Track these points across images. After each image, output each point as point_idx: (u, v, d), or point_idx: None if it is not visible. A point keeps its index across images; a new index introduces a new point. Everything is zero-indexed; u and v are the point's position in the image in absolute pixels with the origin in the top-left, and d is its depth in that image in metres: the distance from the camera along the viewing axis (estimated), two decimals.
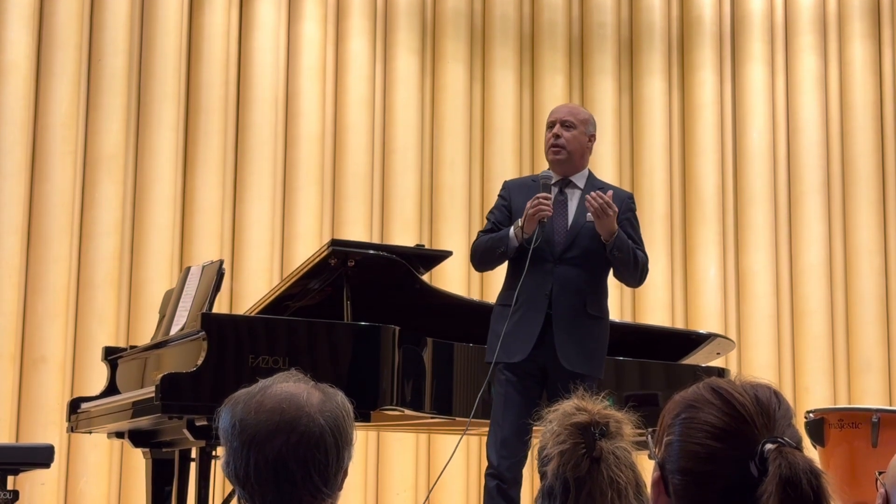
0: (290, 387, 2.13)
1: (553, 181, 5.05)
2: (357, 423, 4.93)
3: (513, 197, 5.09)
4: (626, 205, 5.09)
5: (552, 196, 4.89)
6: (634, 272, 5.05)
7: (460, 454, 8.34)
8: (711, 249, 9.28)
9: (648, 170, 9.28)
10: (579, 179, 5.10)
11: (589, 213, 4.89)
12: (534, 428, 4.96)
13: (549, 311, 4.87)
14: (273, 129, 8.31)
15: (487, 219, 5.18)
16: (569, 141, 5.07)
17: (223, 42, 8.22)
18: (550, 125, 5.13)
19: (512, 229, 4.91)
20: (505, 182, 5.29)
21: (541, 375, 4.87)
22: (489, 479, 4.83)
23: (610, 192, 4.93)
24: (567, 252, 4.91)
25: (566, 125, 5.10)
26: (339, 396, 2.15)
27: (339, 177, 8.50)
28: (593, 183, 5.13)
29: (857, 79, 9.63)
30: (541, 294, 4.84)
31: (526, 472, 4.88)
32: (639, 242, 5.10)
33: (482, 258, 5.08)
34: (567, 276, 4.90)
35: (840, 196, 9.54)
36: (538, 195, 4.85)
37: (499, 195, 5.20)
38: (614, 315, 8.77)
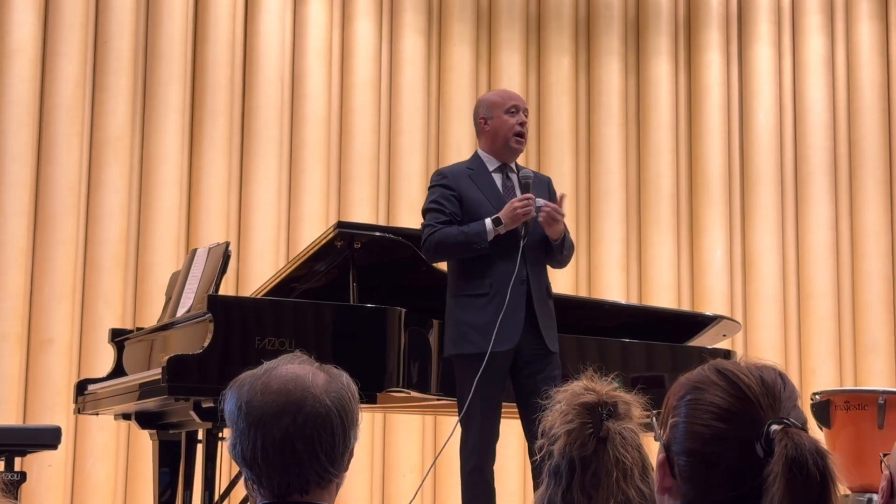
0: (295, 368, 2.13)
1: (494, 167, 5.05)
2: (363, 405, 4.93)
3: (460, 187, 4.98)
4: (552, 188, 5.12)
5: (533, 196, 4.85)
6: (568, 261, 5.10)
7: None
8: (718, 231, 9.28)
9: (655, 151, 9.28)
10: (513, 163, 5.12)
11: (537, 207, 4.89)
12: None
13: (527, 294, 4.85)
14: (279, 110, 8.31)
15: (437, 210, 4.96)
16: (527, 130, 5.11)
17: (229, 23, 8.22)
18: (514, 110, 5.04)
19: (489, 224, 4.81)
20: (441, 171, 5.15)
21: (511, 360, 4.84)
22: (470, 476, 4.82)
23: (560, 199, 4.92)
24: (531, 237, 4.89)
25: (527, 114, 5.11)
26: (344, 377, 2.16)
27: (345, 158, 8.50)
28: (519, 167, 5.13)
29: (865, 60, 9.61)
30: (518, 280, 4.80)
31: (517, 460, 4.89)
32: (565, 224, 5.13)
33: (450, 251, 4.92)
34: (534, 261, 4.91)
35: (847, 177, 9.53)
36: (524, 196, 4.82)
37: (440, 185, 5.01)
38: (620, 297, 8.80)
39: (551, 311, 4.97)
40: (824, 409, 5.65)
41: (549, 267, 5.07)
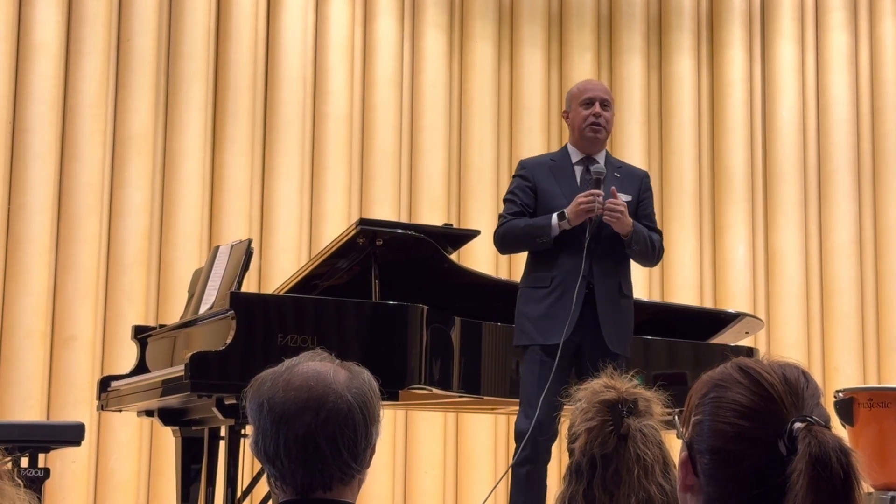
0: (316, 365, 2.14)
1: (577, 159, 5.06)
2: (385, 402, 4.94)
3: (537, 178, 5.03)
4: (644, 184, 5.14)
5: (602, 192, 4.84)
6: (652, 258, 5.09)
7: (488, 433, 8.36)
8: (740, 228, 9.25)
9: (677, 148, 9.25)
10: (600, 157, 5.09)
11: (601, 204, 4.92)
12: (564, 407, 4.96)
13: (588, 292, 4.84)
14: (301, 108, 8.32)
15: (510, 201, 5.06)
16: (608, 121, 5.08)
17: (251, 21, 8.23)
18: (589, 102, 5.05)
19: (555, 219, 4.83)
20: (521, 162, 5.21)
21: (574, 356, 4.84)
22: (519, 467, 4.79)
23: (613, 192, 4.88)
24: (601, 233, 4.89)
25: (605, 105, 5.08)
26: (366, 374, 2.17)
27: (367, 156, 8.50)
28: (610, 161, 5.14)
29: (888, 56, 9.56)
30: (579, 275, 4.79)
31: (554, 451, 4.88)
32: (653, 221, 5.12)
33: (515, 243, 5.03)
34: (603, 257, 4.88)
35: (870, 174, 9.49)
36: (592, 191, 4.81)
37: (518, 175, 5.11)
38: (642, 294, 8.78)
39: (622, 312, 4.93)
40: (847, 406, 5.62)
41: (630, 266, 5.04)
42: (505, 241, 5.04)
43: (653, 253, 5.05)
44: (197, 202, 7.89)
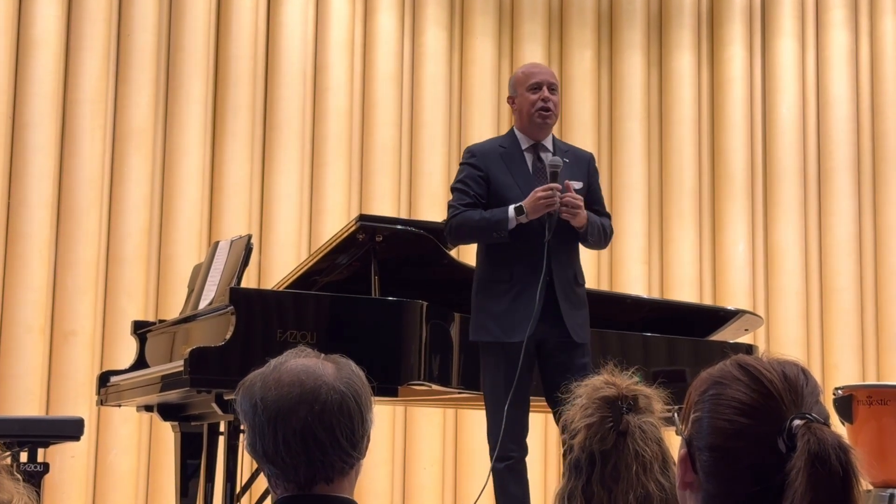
0: (303, 360, 2.17)
1: (526, 146, 4.94)
2: (384, 398, 4.96)
3: (488, 167, 4.88)
4: (591, 167, 5.06)
5: (557, 186, 4.71)
6: (604, 244, 5.02)
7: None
8: (740, 225, 9.25)
9: (677, 145, 9.25)
10: (548, 142, 4.98)
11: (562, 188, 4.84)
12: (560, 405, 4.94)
13: (547, 285, 4.73)
14: (301, 103, 8.31)
15: (462, 191, 4.88)
16: (556, 105, 4.96)
17: (252, 17, 8.23)
18: (536, 87, 4.91)
19: (512, 212, 4.70)
20: (470, 148, 5.05)
21: (535, 350, 4.75)
22: (497, 463, 4.77)
23: (566, 186, 4.76)
24: (557, 224, 4.76)
25: (552, 89, 4.96)
26: (352, 364, 2.20)
27: (367, 151, 8.50)
28: (558, 145, 5.02)
29: (888, 53, 9.56)
30: (539, 268, 4.68)
31: (553, 448, 4.88)
32: (602, 205, 5.05)
33: (470, 236, 4.88)
34: (559, 248, 4.77)
35: (870, 171, 9.49)
36: (550, 185, 4.69)
37: (467, 164, 4.93)
38: (642, 291, 8.79)
39: (580, 300, 4.85)
40: (846, 404, 5.62)
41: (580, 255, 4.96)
42: (458, 234, 4.89)
43: (605, 240, 4.97)
44: (197, 197, 7.89)
